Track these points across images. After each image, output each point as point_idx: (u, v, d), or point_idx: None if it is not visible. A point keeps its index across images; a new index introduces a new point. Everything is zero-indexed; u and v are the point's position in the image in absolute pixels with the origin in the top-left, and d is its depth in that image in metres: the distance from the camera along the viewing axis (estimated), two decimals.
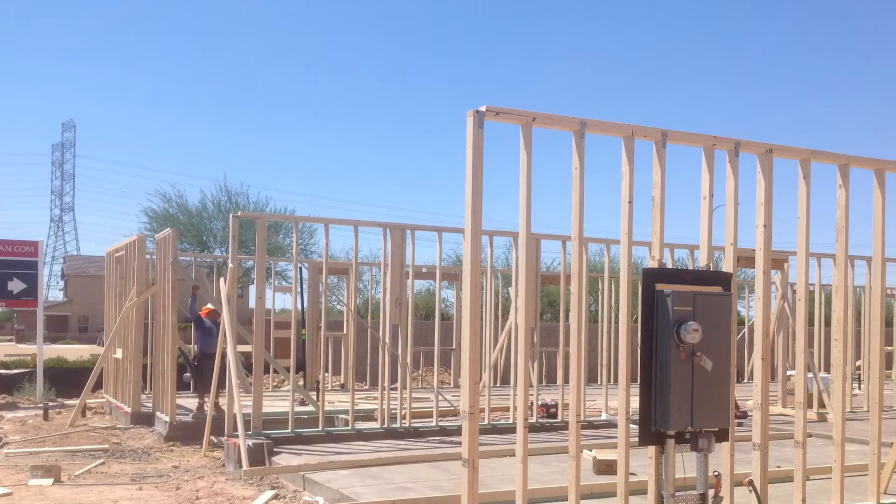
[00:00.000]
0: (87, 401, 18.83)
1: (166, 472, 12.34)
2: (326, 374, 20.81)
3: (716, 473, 7.07)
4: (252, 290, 36.34)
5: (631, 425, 7.02)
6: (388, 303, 14.17)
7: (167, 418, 15.59)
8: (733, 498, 7.40)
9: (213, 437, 14.02)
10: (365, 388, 22.78)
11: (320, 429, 13.79)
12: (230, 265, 13.68)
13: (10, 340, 69.30)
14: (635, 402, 6.71)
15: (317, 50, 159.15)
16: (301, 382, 18.86)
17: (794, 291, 18.81)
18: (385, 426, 14.15)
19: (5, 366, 26.35)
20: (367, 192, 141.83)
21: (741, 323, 24.58)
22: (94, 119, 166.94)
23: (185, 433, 15.17)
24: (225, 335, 13.31)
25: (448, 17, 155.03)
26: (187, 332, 22.28)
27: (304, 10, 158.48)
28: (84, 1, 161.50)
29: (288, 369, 14.84)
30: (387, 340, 14.32)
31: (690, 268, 16.08)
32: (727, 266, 7.56)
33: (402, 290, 14.27)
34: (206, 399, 15.52)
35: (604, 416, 16.14)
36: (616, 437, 7.19)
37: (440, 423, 14.51)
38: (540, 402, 15.75)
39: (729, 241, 7.54)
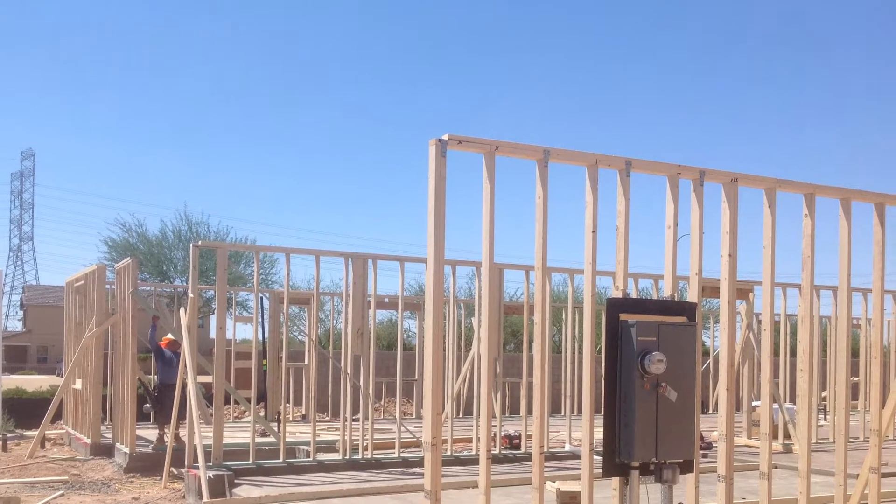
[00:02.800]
0: (47, 432, 18.56)
1: None
2: (287, 405, 20.63)
3: None
4: (213, 320, 36.05)
5: (595, 456, 6.94)
6: (350, 333, 14.04)
7: (127, 449, 15.35)
8: None
9: (173, 469, 13.81)
10: (326, 419, 22.57)
11: (281, 460, 13.60)
12: (190, 295, 13.53)
13: None
14: (599, 434, 6.64)
15: (277, 80, 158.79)
16: (262, 413, 18.65)
17: (759, 321, 18.85)
18: (347, 457, 13.99)
19: None
20: (328, 221, 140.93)
21: (706, 353, 24.63)
22: (53, 148, 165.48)
23: (145, 464, 14.96)
24: (185, 365, 13.14)
25: (409, 47, 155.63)
26: (147, 362, 22.00)
27: (263, 41, 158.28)
28: (43, 30, 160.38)
29: (249, 400, 14.65)
30: (348, 371, 14.18)
31: (655, 298, 16.11)
32: (692, 296, 7.52)
33: (364, 320, 14.15)
34: (166, 430, 15.34)
35: (567, 448, 16.05)
36: (580, 469, 7.12)
37: (402, 455, 14.37)
38: (503, 433, 15.65)
39: (694, 271, 7.51)
